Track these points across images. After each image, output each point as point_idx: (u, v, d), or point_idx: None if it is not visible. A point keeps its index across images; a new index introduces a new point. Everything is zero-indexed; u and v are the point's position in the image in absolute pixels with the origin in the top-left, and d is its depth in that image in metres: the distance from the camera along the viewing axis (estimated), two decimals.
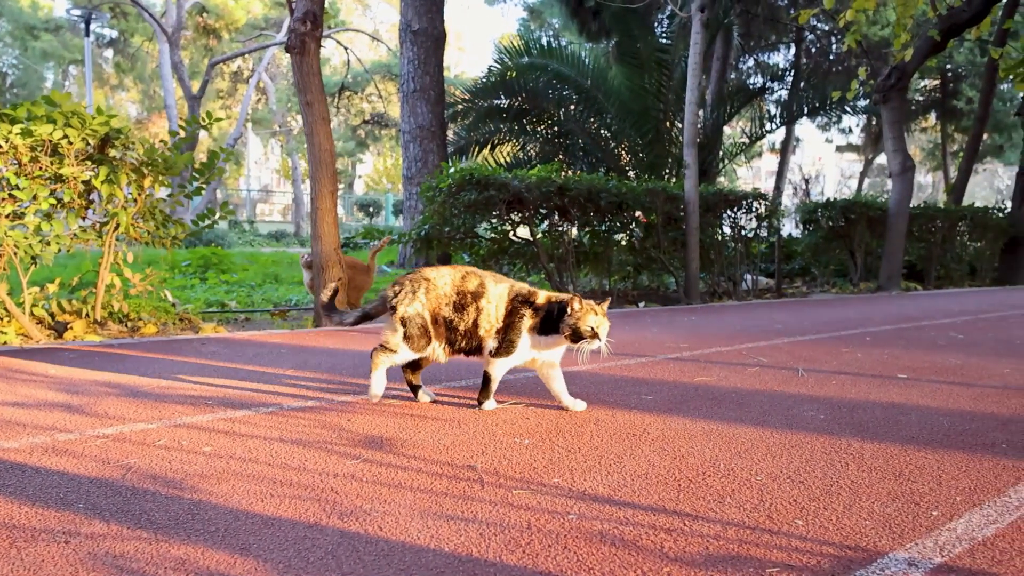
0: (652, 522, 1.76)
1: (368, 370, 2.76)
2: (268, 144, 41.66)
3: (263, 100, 32.48)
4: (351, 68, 26.00)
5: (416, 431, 2.48)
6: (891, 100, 10.48)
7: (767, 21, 18.46)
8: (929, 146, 30.34)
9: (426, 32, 11.54)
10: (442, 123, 11.99)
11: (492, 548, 1.60)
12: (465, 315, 2.68)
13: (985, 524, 1.80)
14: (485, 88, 14.51)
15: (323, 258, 5.75)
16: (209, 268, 9.72)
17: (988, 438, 2.56)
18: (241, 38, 24.75)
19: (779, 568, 1.54)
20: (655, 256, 8.75)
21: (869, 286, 10.67)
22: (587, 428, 2.57)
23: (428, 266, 2.84)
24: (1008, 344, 4.86)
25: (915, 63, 10.40)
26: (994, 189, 43.27)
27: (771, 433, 2.56)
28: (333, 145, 5.89)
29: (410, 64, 11.63)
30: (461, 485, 1.98)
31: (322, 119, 5.75)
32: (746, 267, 10.18)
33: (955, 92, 22.40)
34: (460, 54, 45.73)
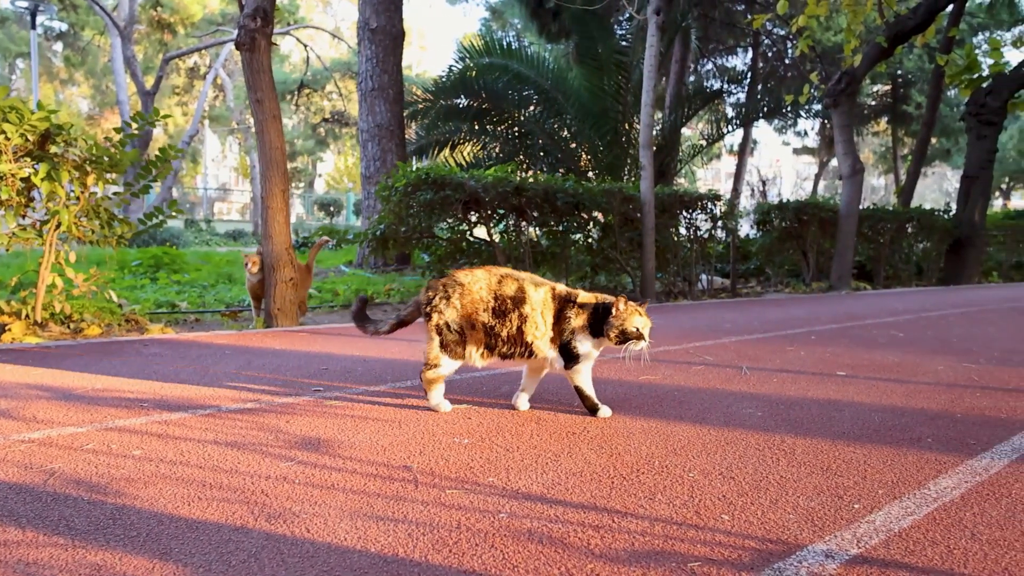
0: (582, 519, 1.78)
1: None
2: (226, 142, 40.91)
3: (220, 97, 31.90)
4: (311, 66, 25.70)
5: (355, 432, 2.47)
6: (841, 104, 10.75)
7: (724, 25, 18.76)
8: (881, 149, 31.18)
9: (384, 30, 11.46)
10: (401, 122, 11.93)
11: (419, 548, 1.60)
12: (507, 320, 2.63)
13: (903, 516, 1.86)
14: (445, 87, 14.47)
15: (274, 258, 5.68)
16: (160, 268, 9.51)
17: (915, 433, 2.65)
18: (197, 33, 24.25)
19: (701, 562, 1.57)
20: (612, 256, 8.83)
21: (821, 286, 10.92)
22: (527, 427, 2.58)
23: (460, 270, 2.78)
24: (945, 342, 5.02)
25: (864, 68, 10.68)
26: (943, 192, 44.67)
27: (708, 430, 2.61)
28: (284, 143, 5.82)
29: (368, 62, 11.54)
30: (395, 486, 1.97)
31: (273, 117, 5.68)
32: (702, 267, 10.33)
33: (905, 97, 23.06)
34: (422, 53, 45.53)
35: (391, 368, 3.62)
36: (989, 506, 1.94)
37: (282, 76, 30.60)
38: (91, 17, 24.39)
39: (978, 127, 12.63)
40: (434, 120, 14.55)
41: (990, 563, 1.61)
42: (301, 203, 37.52)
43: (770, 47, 22.21)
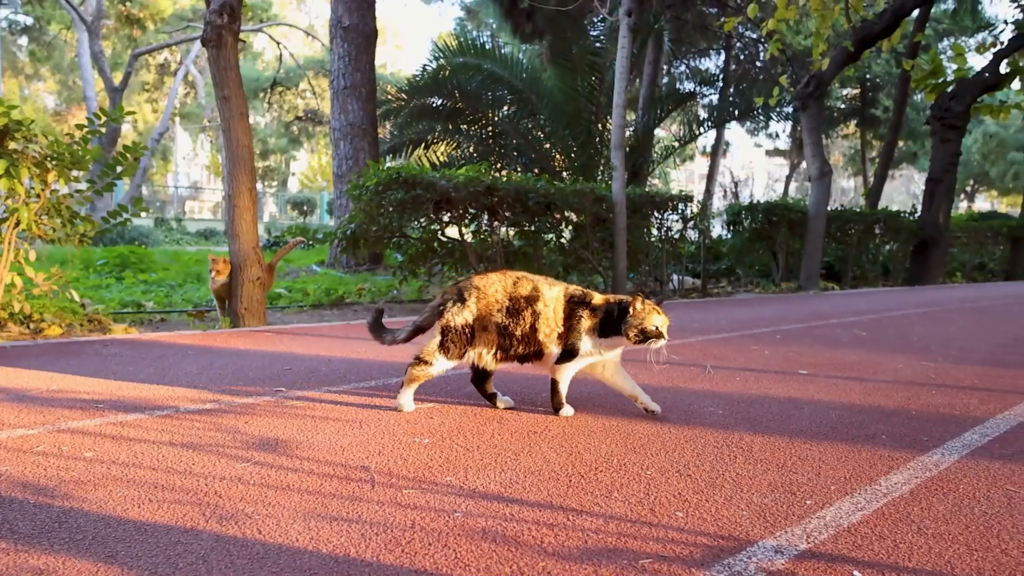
0: (537, 518, 1.78)
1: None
2: (197, 139, 40.35)
3: (192, 94, 31.46)
4: (284, 64, 25.45)
5: (315, 433, 2.45)
6: (810, 107, 10.90)
7: (696, 27, 18.94)
8: (851, 152, 31.69)
9: (357, 28, 11.40)
10: (374, 121, 11.86)
11: (371, 548, 1.59)
12: (521, 321, 2.62)
13: (853, 511, 1.89)
14: (419, 87, 14.42)
15: (241, 257, 5.62)
16: (127, 267, 9.35)
17: (871, 430, 2.70)
18: (167, 29, 23.88)
19: (652, 559, 1.58)
20: (584, 256, 8.87)
21: (790, 286, 11.07)
22: (489, 427, 2.58)
23: (477, 274, 2.76)
24: (905, 341, 5.12)
25: (831, 72, 10.85)
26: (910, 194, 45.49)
27: (668, 428, 2.63)
28: (252, 141, 5.75)
29: (341, 60, 11.47)
30: (351, 486, 1.96)
31: (240, 115, 5.61)
32: (673, 267, 10.42)
33: (873, 101, 23.48)
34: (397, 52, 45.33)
35: (355, 368, 3.60)
36: (936, 501, 1.99)
37: (255, 74, 30.28)
38: (57, 11, 23.91)
39: (942, 131, 12.89)
40: (408, 119, 14.49)
41: (934, 556, 1.64)
42: (274, 202, 37.09)
43: (742, 50, 22.48)
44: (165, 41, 23.90)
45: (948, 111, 12.69)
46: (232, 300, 5.66)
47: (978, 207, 36.42)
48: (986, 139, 29.64)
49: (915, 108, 22.06)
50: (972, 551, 1.68)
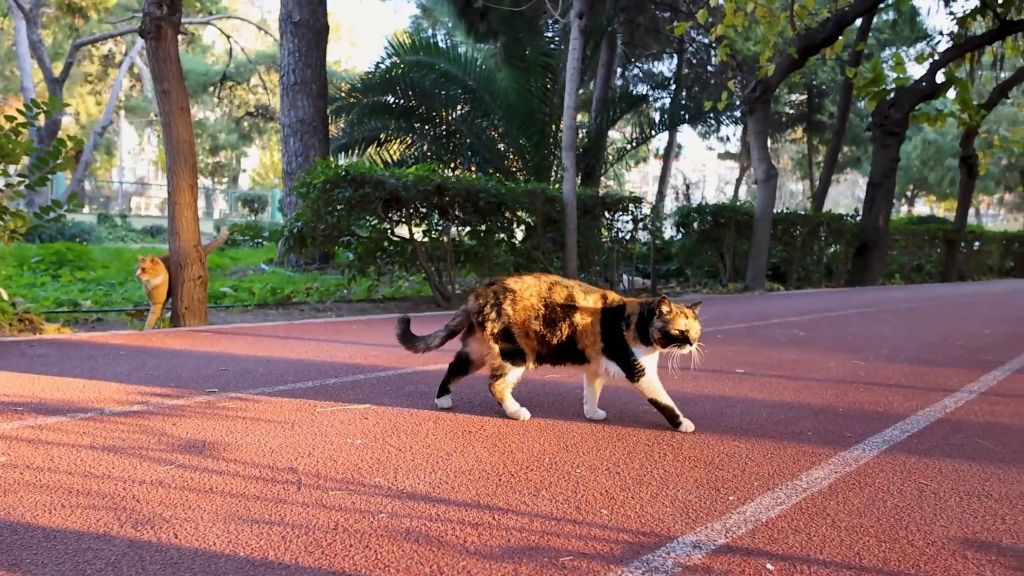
0: (463, 517, 1.79)
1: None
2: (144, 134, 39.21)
3: (138, 87, 30.57)
4: (235, 58, 24.92)
5: (244, 434, 2.40)
6: (756, 112, 11.16)
7: (650, 31, 19.19)
8: (798, 156, 32.52)
9: (308, 24, 11.23)
10: (324, 118, 11.71)
11: (291, 550, 1.57)
12: (558, 327, 2.59)
13: (773, 506, 1.95)
14: (372, 84, 14.29)
15: (181, 255, 5.49)
16: (64, 265, 9.03)
17: (799, 427, 2.77)
18: (111, 19, 23.14)
19: (573, 556, 1.60)
20: (535, 256, 8.90)
21: (737, 286, 11.30)
22: (424, 427, 2.58)
23: (510, 277, 2.72)
24: (841, 340, 5.28)
25: (777, 78, 11.12)
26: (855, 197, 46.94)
27: (602, 427, 2.66)
28: (192, 136, 5.62)
29: (291, 56, 11.29)
30: (277, 488, 1.93)
31: (180, 109, 5.48)
32: (624, 268, 10.53)
33: (819, 107, 24.14)
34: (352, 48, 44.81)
35: (294, 369, 3.55)
36: (853, 495, 2.05)
37: (204, 68, 29.60)
38: None
39: (882, 137, 13.33)
40: (360, 117, 14.34)
41: (844, 548, 1.70)
42: (224, 199, 36.30)
43: (695, 54, 22.87)
44: (109, 32, 23.17)
45: (888, 118, 13.13)
46: (172, 299, 5.52)
47: (918, 211, 37.79)
48: (925, 146, 30.76)
49: (858, 114, 22.75)
50: (881, 542, 1.74)
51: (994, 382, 3.80)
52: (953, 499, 2.05)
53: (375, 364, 3.73)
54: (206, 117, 35.24)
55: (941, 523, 1.87)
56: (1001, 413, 3.11)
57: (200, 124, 34.73)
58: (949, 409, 3.16)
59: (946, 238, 16.38)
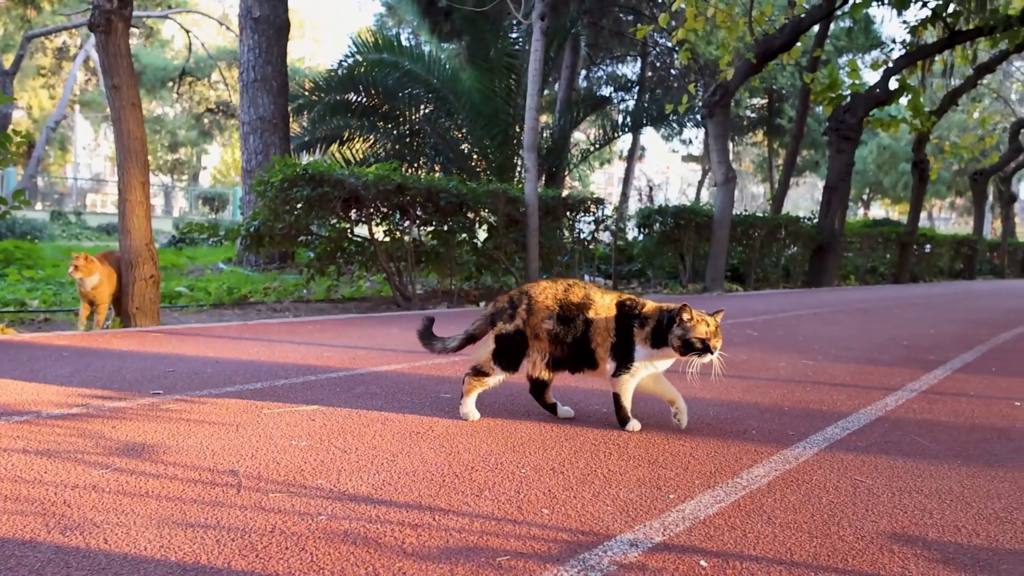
0: (403, 519, 1.78)
1: None
2: (100, 129, 38.21)
3: (93, 80, 29.79)
4: (194, 53, 24.46)
5: (186, 437, 2.37)
6: (716, 115, 11.33)
7: (613, 34, 19.35)
8: (759, 159, 33.09)
9: (268, 20, 11.09)
10: (285, 115, 11.57)
11: (224, 554, 1.55)
12: (573, 330, 2.57)
13: (712, 504, 1.98)
14: (334, 82, 14.16)
15: (133, 254, 5.37)
16: (11, 263, 8.77)
17: (743, 426, 2.83)
18: (65, 11, 22.52)
19: (510, 556, 1.61)
20: (497, 257, 8.92)
21: (696, 287, 11.46)
22: (371, 428, 2.56)
23: (530, 283, 2.70)
24: (792, 340, 5.39)
25: (736, 82, 11.31)
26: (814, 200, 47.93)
27: (550, 427, 2.68)
28: (144, 132, 5.51)
29: (251, 52, 11.13)
30: (215, 491, 1.91)
31: (131, 104, 5.37)
32: (586, 268, 10.61)
33: (779, 111, 24.61)
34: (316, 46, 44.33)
35: (244, 370, 3.50)
36: (790, 492, 2.10)
37: (162, 62, 29.01)
38: None
39: (838, 141, 13.64)
40: (322, 115, 14.21)
41: (777, 544, 1.74)
42: (184, 197, 35.60)
43: (658, 57, 23.13)
44: (63, 24, 22.54)
45: (843, 123, 13.45)
46: (123, 299, 5.40)
47: (873, 214, 38.79)
48: (880, 151, 31.58)
49: (816, 119, 23.25)
50: (813, 538, 1.78)
51: (934, 381, 3.92)
52: (885, 495, 2.11)
53: (327, 365, 3.70)
54: (165, 113, 34.52)
55: (872, 518, 1.93)
56: (938, 411, 3.21)
57: (159, 120, 34.02)
58: (890, 407, 3.25)
59: (899, 241, 16.83)
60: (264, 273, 10.41)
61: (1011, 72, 23.29)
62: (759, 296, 10.73)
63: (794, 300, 9.76)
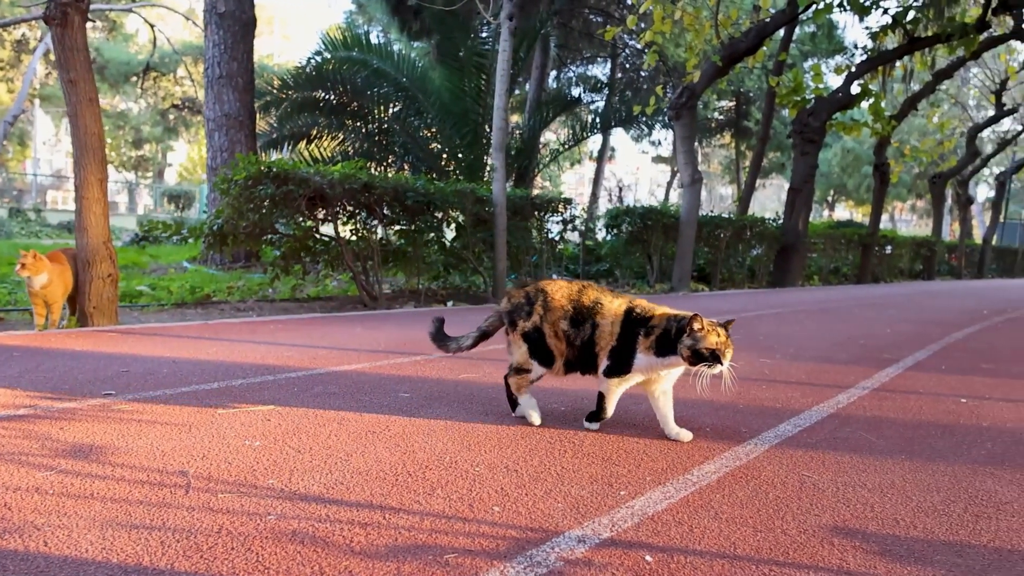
0: (353, 518, 1.78)
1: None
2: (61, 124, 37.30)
3: (54, 74, 29.05)
4: (159, 48, 24.00)
5: (136, 438, 2.33)
6: (683, 117, 11.45)
7: (583, 35, 19.45)
8: (727, 161, 33.51)
9: (234, 16, 10.94)
10: (251, 112, 11.42)
11: (167, 555, 1.54)
12: (582, 331, 2.55)
13: (661, 500, 2.01)
14: (303, 79, 14.02)
15: (89, 252, 5.26)
16: None
17: (698, 423, 2.87)
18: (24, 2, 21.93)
19: (457, 553, 1.62)
20: (465, 256, 8.91)
21: (663, 287, 11.57)
22: (327, 428, 2.55)
23: (543, 280, 2.68)
24: (752, 340, 5.48)
25: (702, 85, 11.44)
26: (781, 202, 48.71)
27: (507, 426, 2.69)
28: (102, 128, 5.40)
29: (216, 48, 10.97)
30: (163, 492, 1.89)
31: (88, 100, 5.25)
32: (554, 268, 10.65)
33: (746, 113, 24.95)
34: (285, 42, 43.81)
35: (200, 370, 3.46)
36: (739, 487, 2.14)
37: (126, 57, 28.45)
38: None
39: (802, 144, 13.88)
40: (289, 112, 14.06)
41: (722, 539, 1.77)
42: (149, 194, 34.93)
43: (628, 59, 23.29)
44: (21, 15, 21.94)
45: (807, 126, 13.68)
46: (79, 298, 5.29)
47: (838, 216, 39.53)
48: (844, 153, 32.19)
49: (782, 122, 23.60)
50: (757, 532, 1.82)
51: (886, 378, 4.02)
52: (831, 490, 2.17)
53: (286, 365, 3.67)
54: (129, 108, 33.84)
55: (815, 513, 1.98)
56: (888, 408, 3.29)
57: (122, 116, 33.34)
58: (841, 405, 3.32)
59: (861, 242, 17.17)
60: (229, 272, 10.28)
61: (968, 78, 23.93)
62: (723, 296, 10.88)
63: (757, 300, 9.91)
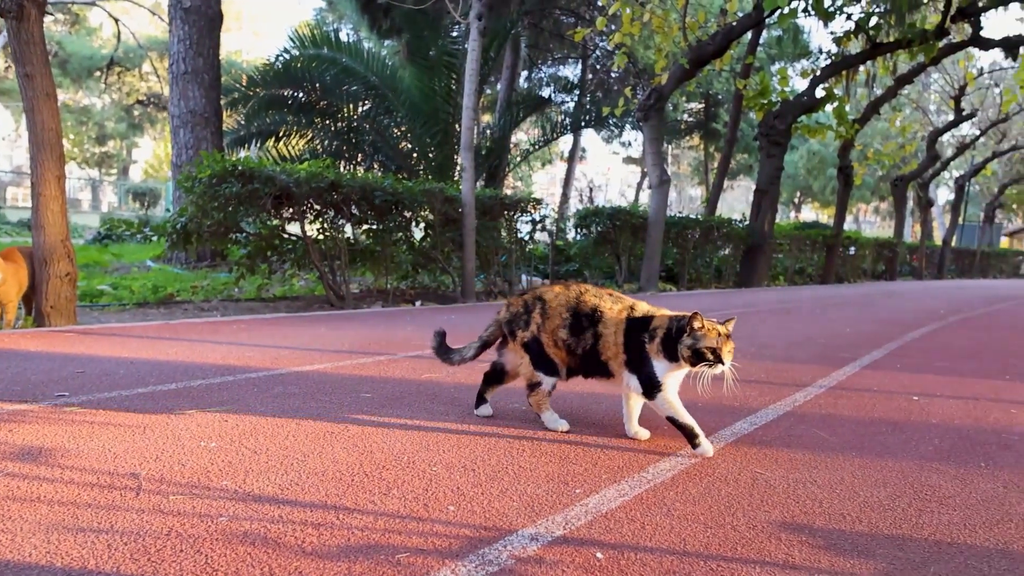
0: (306, 519, 1.78)
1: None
2: (21, 119, 36.40)
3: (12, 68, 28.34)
4: (123, 42, 23.54)
5: (88, 440, 2.30)
6: (651, 119, 11.56)
7: (553, 35, 19.52)
8: (696, 162, 33.90)
9: (199, 10, 10.78)
10: (218, 109, 11.27)
11: (114, 558, 1.52)
12: (583, 337, 2.53)
13: (616, 498, 2.04)
14: (271, 76, 13.87)
15: (46, 250, 5.15)
16: None
17: (656, 422, 2.89)
18: None
19: (410, 553, 1.63)
20: (434, 256, 8.90)
21: (631, 287, 11.67)
22: (285, 429, 2.54)
23: (543, 286, 2.66)
24: None
25: (670, 87, 11.56)
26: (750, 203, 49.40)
27: (468, 425, 2.71)
28: (60, 124, 5.29)
29: (181, 44, 10.81)
30: (113, 495, 1.86)
31: (45, 95, 5.14)
32: (523, 268, 10.68)
33: (715, 116, 25.26)
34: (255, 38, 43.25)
35: (159, 370, 3.41)
36: (692, 484, 2.18)
37: (89, 51, 27.86)
38: None
39: (768, 146, 14.10)
40: (257, 109, 13.90)
41: (672, 536, 1.80)
42: (113, 191, 34.26)
43: (599, 60, 23.44)
44: None
45: (773, 129, 13.90)
46: (36, 298, 5.18)
47: (804, 217, 40.19)
48: (810, 156, 32.76)
49: (750, 124, 23.94)
50: (707, 528, 1.86)
51: (843, 377, 4.11)
52: (782, 486, 2.21)
53: (247, 365, 3.63)
54: (92, 104, 33.14)
55: (765, 509, 2.02)
56: (842, 406, 3.37)
57: (86, 111, 32.65)
58: (798, 403, 3.39)
59: (826, 243, 17.49)
60: (194, 271, 10.13)
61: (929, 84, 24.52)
62: (690, 296, 11.01)
63: (723, 300, 10.05)
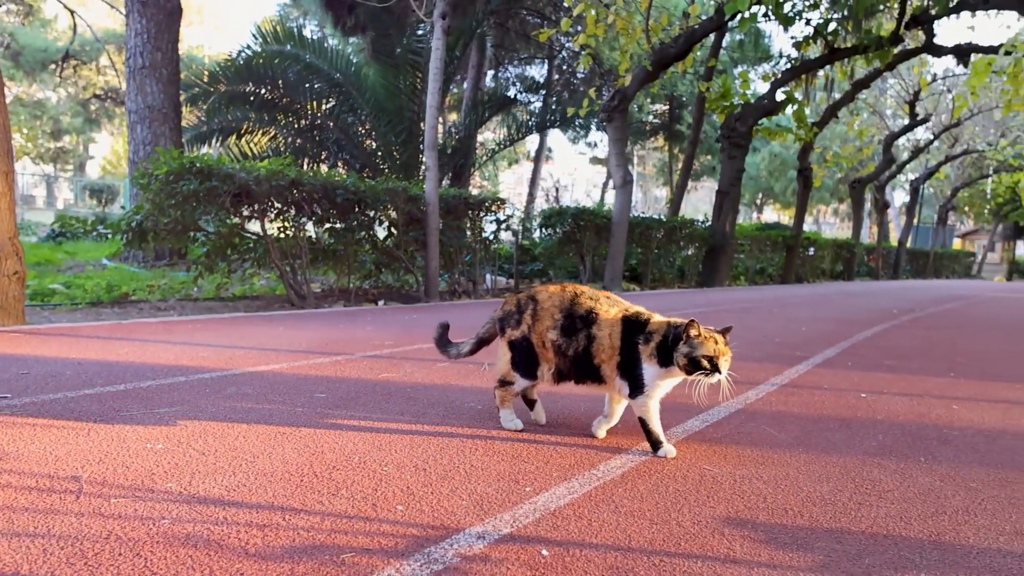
0: (251, 520, 1.76)
1: None
2: None
3: None
4: (80, 35, 22.97)
5: (29, 442, 2.24)
6: (615, 120, 11.66)
7: (519, 36, 19.56)
8: (660, 163, 34.26)
9: (158, 4, 10.58)
10: (176, 105, 11.07)
11: (49, 563, 1.49)
12: (575, 340, 2.48)
13: (564, 495, 2.06)
14: (233, 72, 13.65)
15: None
16: None
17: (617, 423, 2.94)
18: None
19: (355, 553, 1.63)
20: (398, 255, 8.85)
21: (595, 286, 11.74)
22: (235, 430, 2.51)
23: (539, 286, 2.62)
24: None
25: (633, 88, 11.67)
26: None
27: (423, 425, 2.71)
28: (7, 118, 5.15)
29: (138, 37, 10.59)
30: (52, 498, 1.82)
31: None
32: (487, 267, 10.69)
33: (679, 117, 25.56)
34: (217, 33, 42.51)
35: (108, 371, 3.34)
36: (641, 481, 2.21)
37: (44, 43, 27.10)
38: None
39: (729, 148, 14.32)
40: (218, 105, 13.67)
41: (618, 532, 1.83)
42: (69, 188, 33.37)
43: (564, 61, 23.55)
44: None
45: (734, 131, 14.13)
46: None
47: (766, 218, 40.92)
48: (772, 158, 33.37)
49: (713, 126, 24.30)
50: (653, 524, 1.89)
51: (795, 375, 4.20)
52: (728, 482, 2.26)
53: (201, 365, 3.58)
54: (47, 97, 32.25)
55: (710, 504, 2.06)
56: (793, 403, 3.44)
57: (40, 105, 31.75)
58: (750, 400, 3.46)
59: (786, 244, 17.83)
60: (152, 270, 9.94)
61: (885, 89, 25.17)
62: (653, 295, 11.13)
63: (684, 299, 10.18)
